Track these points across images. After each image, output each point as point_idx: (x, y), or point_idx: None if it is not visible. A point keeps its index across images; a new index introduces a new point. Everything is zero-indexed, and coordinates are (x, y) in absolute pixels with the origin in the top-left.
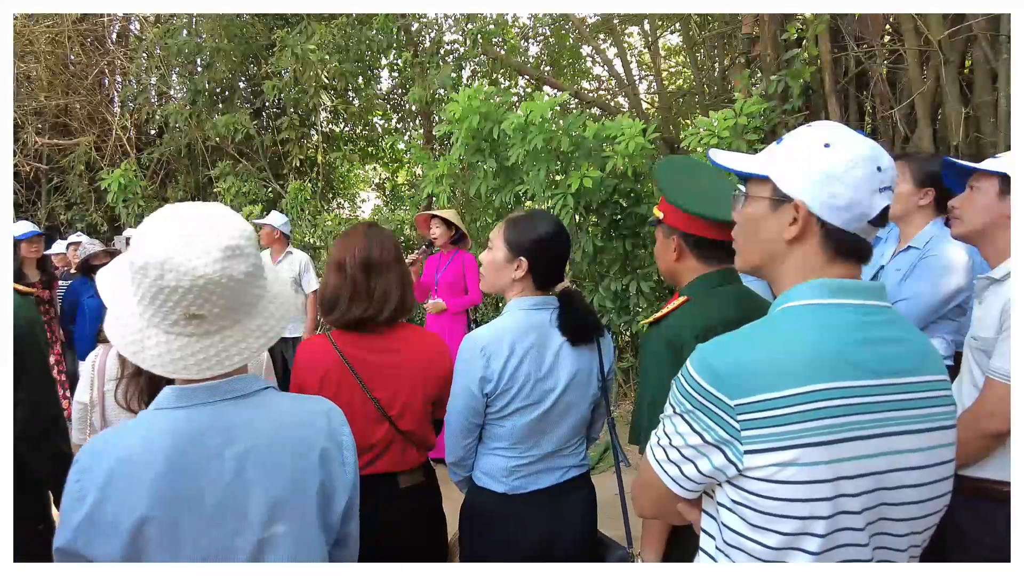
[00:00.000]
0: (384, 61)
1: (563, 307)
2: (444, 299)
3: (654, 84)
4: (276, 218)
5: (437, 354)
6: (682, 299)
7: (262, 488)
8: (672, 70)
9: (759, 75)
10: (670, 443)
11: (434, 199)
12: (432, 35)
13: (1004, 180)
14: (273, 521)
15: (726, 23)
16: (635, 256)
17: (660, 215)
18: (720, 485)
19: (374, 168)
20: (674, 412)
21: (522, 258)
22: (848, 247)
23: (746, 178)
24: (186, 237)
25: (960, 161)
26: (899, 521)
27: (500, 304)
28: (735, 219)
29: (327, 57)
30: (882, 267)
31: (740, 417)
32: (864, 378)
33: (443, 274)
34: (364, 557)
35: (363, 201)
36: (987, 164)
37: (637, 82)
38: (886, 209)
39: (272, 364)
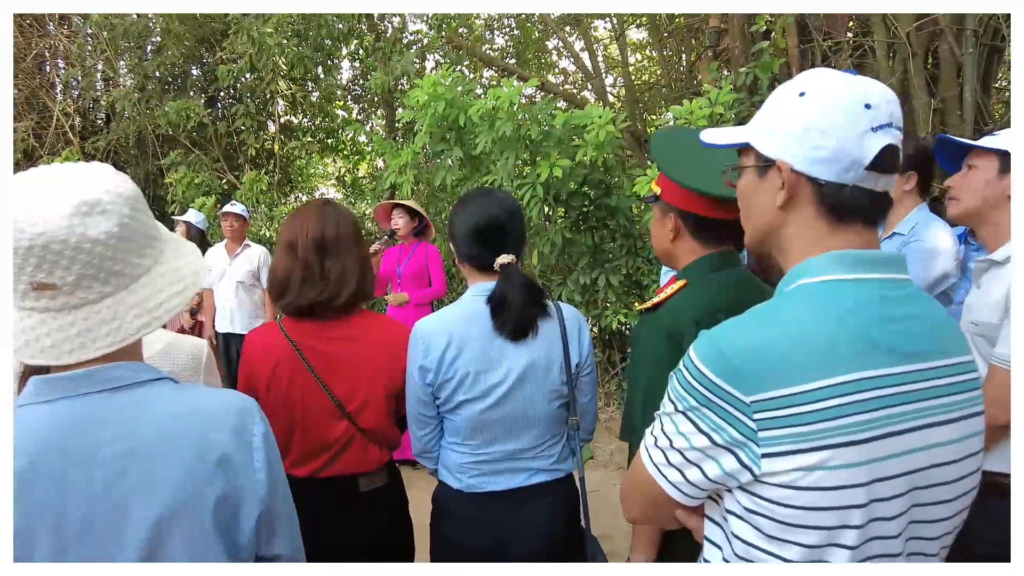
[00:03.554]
0: (344, 51)
1: (494, 296)
2: (407, 291)
3: (620, 79)
4: (238, 206)
5: (400, 343)
6: (679, 283)
7: (144, 500)
8: (639, 64)
9: (727, 68)
10: (670, 444)
11: (396, 190)
12: (395, 22)
13: (1004, 157)
14: (159, 539)
15: (692, 16)
16: (604, 249)
17: (657, 191)
18: (729, 491)
19: (333, 160)
20: (675, 409)
21: (451, 244)
22: (848, 205)
23: (738, 151)
24: (37, 192)
25: (957, 139)
26: (932, 523)
27: None
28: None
29: (284, 42)
30: None
31: (757, 416)
32: (895, 364)
33: (406, 266)
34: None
35: (322, 195)
36: (985, 142)
37: (603, 75)
38: (890, 150)
39: (214, 362)
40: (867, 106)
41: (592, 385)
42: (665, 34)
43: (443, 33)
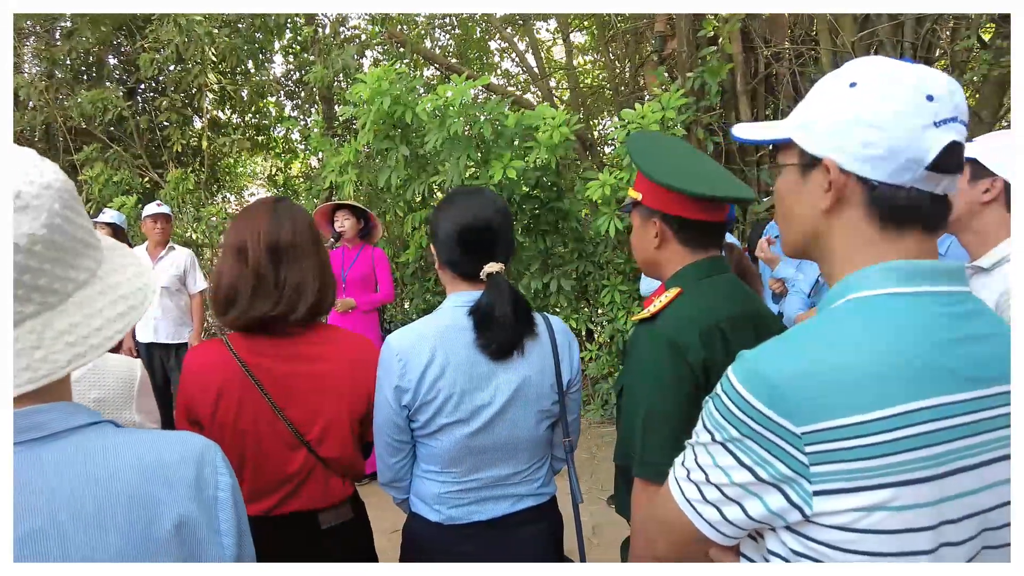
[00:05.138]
0: (278, 45)
1: (479, 309)
2: (353, 297)
3: (563, 82)
4: (165, 206)
5: (366, 361)
6: (674, 291)
7: None
8: (582, 68)
9: (673, 72)
10: (706, 479)
11: (336, 190)
12: (333, 16)
13: (973, 165)
14: None
15: (637, 20)
16: (554, 253)
17: (638, 196)
18: (772, 529)
19: (264, 158)
20: (712, 440)
21: (431, 246)
22: (903, 209)
23: (777, 148)
24: None
25: None
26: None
27: (409, 304)
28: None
29: (216, 32)
30: None
31: (809, 449)
32: (962, 390)
33: (351, 270)
34: None
35: (251, 195)
36: None
37: (548, 78)
38: (954, 147)
39: (149, 385)
40: (929, 98)
41: (579, 402)
42: (609, 35)
43: (384, 28)
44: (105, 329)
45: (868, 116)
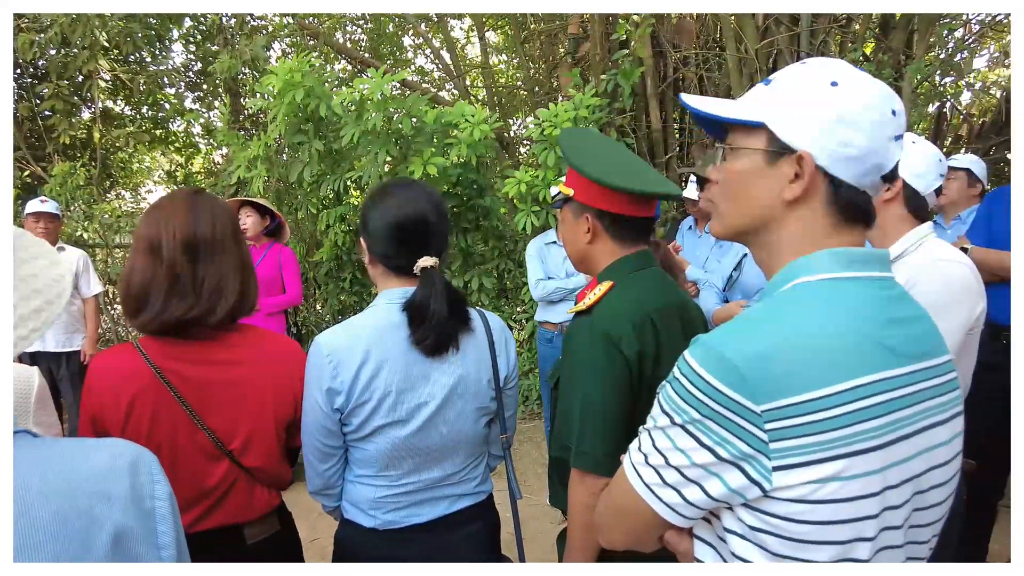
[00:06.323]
0: (176, 33)
1: (413, 304)
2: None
3: (478, 81)
4: (50, 203)
5: (292, 364)
6: (607, 284)
7: None
8: (496, 67)
9: (587, 74)
10: (665, 462)
11: (243, 186)
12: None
13: None
14: None
15: (551, 21)
16: (475, 251)
17: (569, 192)
18: (729, 508)
19: (163, 153)
20: (671, 422)
21: (361, 240)
22: (857, 208)
23: (727, 126)
24: None
25: None
26: (925, 526)
27: (322, 305)
28: (712, 176)
29: (108, 14)
30: (745, 255)
31: (768, 426)
32: (900, 365)
33: (256, 270)
34: None
35: (148, 192)
36: None
37: (463, 76)
38: (898, 162)
39: (48, 394)
40: (893, 112)
41: (516, 398)
42: (523, 36)
43: (293, 19)
44: (19, 327)
45: (850, 118)
